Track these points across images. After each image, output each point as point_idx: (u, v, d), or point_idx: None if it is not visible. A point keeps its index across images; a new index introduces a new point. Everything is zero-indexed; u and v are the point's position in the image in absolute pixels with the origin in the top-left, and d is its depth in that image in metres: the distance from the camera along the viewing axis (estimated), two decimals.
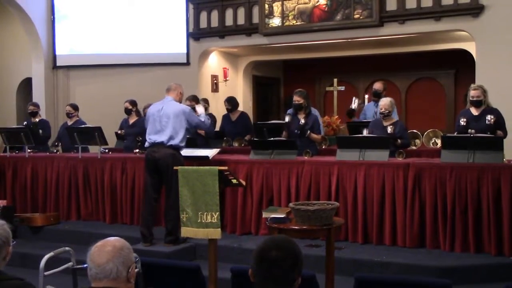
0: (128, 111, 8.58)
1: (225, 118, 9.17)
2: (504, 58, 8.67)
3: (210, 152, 6.93)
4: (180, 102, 6.70)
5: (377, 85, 8.55)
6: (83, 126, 8.37)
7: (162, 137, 6.43)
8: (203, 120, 6.77)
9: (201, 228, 4.93)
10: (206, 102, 9.30)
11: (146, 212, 6.54)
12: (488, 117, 6.47)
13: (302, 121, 7.35)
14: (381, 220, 6.25)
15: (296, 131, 7.35)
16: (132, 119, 8.57)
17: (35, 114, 9.31)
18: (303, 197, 6.49)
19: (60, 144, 8.99)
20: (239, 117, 9.03)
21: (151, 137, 6.50)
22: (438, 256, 5.78)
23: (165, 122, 6.44)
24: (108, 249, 2.48)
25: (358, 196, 6.33)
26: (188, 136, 7.56)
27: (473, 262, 5.63)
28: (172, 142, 6.43)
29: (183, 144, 6.59)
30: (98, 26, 11.34)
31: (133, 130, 8.38)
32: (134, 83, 10.85)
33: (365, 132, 7.03)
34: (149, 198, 6.55)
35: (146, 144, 6.60)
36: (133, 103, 8.59)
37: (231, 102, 9.11)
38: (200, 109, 7.02)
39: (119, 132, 8.59)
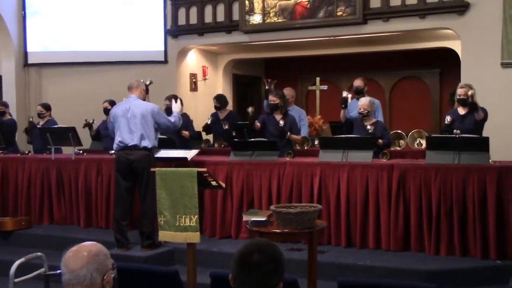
0: (107, 112, 8.53)
1: (214, 116, 9.12)
2: (489, 56, 8.76)
3: (189, 153, 6.91)
4: (144, 100, 6.65)
5: (358, 82, 8.61)
6: (56, 126, 8.30)
7: (134, 140, 6.37)
8: (173, 120, 6.73)
9: (180, 232, 4.91)
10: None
11: (120, 217, 6.48)
12: (477, 114, 6.51)
13: (281, 122, 7.36)
14: (365, 223, 6.27)
15: (274, 132, 7.35)
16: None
17: (3, 113, 9.22)
18: (284, 200, 6.49)
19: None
20: (227, 116, 8.99)
21: (122, 140, 6.43)
22: (423, 260, 5.81)
23: (135, 124, 6.38)
24: (83, 255, 2.46)
25: (341, 198, 6.35)
26: (166, 137, 7.53)
27: (458, 265, 5.67)
28: (145, 144, 6.39)
29: (155, 144, 6.58)
30: (71, 22, 11.25)
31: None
32: (110, 82, 10.78)
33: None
34: (124, 202, 6.50)
35: (116, 147, 6.52)
36: (113, 103, 8.54)
37: (220, 100, 9.07)
38: (175, 106, 6.97)
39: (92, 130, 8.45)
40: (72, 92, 11.08)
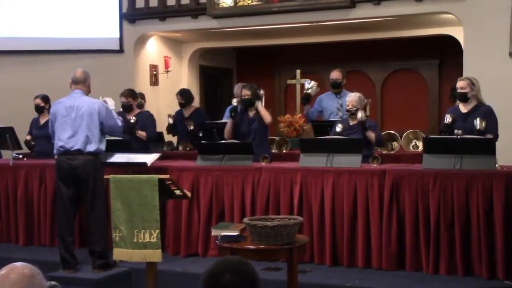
0: (39, 109, 8.46)
1: (178, 114, 9.09)
2: (495, 45, 8.82)
3: (149, 158, 6.88)
4: (88, 94, 6.59)
5: (335, 74, 8.67)
6: None
7: (77, 143, 6.30)
8: (120, 124, 6.69)
9: (138, 249, 4.90)
10: (142, 97, 9.25)
11: (65, 232, 6.42)
12: (477, 121, 6.50)
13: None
14: (353, 238, 6.29)
15: (247, 132, 7.42)
16: (44, 119, 8.45)
17: None
18: (260, 211, 6.50)
19: None
20: (193, 114, 8.97)
21: (63, 143, 6.36)
22: (419, 280, 5.85)
23: (80, 124, 6.32)
24: (16, 280, 2.36)
25: (325, 210, 6.36)
26: (122, 138, 7.49)
27: (461, 286, 5.71)
28: (90, 148, 6.33)
29: (103, 147, 6.52)
30: (10, 4, 11.14)
31: (46, 131, 8.27)
32: (57, 73, 10.66)
33: (339, 127, 7.08)
34: (67, 215, 6.43)
35: (57, 151, 6.46)
36: (46, 99, 8.48)
37: (185, 95, 9.07)
38: (110, 102, 6.97)
39: (28, 138, 8.38)
40: (11, 85, 10.93)
